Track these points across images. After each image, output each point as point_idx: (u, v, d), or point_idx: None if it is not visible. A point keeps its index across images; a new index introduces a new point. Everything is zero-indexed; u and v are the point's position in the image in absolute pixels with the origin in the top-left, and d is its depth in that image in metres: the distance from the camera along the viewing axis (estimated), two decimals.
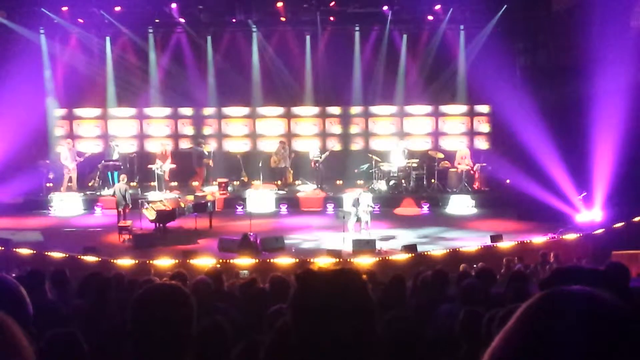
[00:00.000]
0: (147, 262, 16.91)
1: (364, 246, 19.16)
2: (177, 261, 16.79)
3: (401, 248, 18.81)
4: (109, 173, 25.75)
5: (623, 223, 19.39)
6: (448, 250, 18.42)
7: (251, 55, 28.06)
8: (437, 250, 18.59)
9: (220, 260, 17.15)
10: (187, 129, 28.73)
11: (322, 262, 16.25)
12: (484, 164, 25.67)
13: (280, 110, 28.65)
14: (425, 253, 18.31)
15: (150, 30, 27.78)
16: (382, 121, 28.53)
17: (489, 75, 23.12)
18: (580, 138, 21.04)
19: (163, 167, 25.53)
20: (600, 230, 19.48)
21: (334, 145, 27.61)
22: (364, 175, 26.28)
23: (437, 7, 26.39)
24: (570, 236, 19.19)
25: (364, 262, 17.38)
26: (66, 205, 24.56)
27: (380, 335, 2.57)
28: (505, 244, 18.60)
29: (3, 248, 18.29)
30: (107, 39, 27.63)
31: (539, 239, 19.03)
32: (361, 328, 2.43)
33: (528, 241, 18.81)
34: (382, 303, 7.40)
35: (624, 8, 20.82)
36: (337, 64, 27.40)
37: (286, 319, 2.56)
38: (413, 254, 18.12)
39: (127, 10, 26.13)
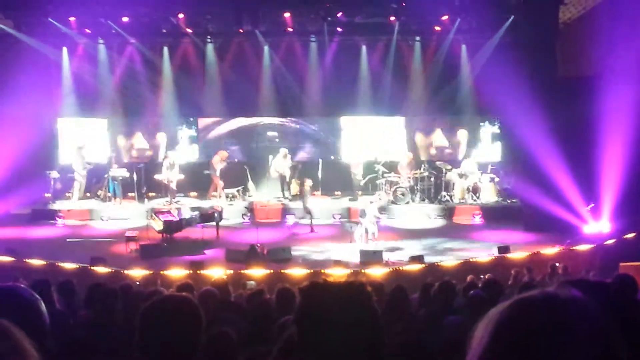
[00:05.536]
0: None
1: (371, 257, 19.12)
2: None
3: (409, 259, 18.77)
4: (111, 183, 25.79)
5: (631, 234, 19.33)
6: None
7: (258, 66, 28.10)
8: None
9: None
10: (193, 138, 28.78)
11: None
12: (492, 175, 25.66)
13: (287, 120, 28.63)
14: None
15: (158, 40, 27.84)
16: (388, 132, 28.49)
17: (497, 86, 23.06)
18: (588, 149, 21.00)
19: (170, 177, 25.53)
20: (608, 242, 19.43)
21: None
22: (368, 187, 26.24)
23: (445, 17, 26.38)
24: (579, 248, 19.13)
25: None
26: (73, 215, 24.59)
27: (386, 346, 2.56)
28: (514, 256, 18.55)
29: (13, 258, 18.30)
30: (115, 48, 27.71)
31: (547, 251, 18.97)
32: (366, 340, 2.43)
33: (536, 252, 18.77)
34: (385, 314, 7.39)
35: (632, 17, 20.78)
36: (344, 74, 27.42)
37: (292, 330, 2.56)
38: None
39: (135, 21, 26.17)
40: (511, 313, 1.84)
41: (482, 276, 14.84)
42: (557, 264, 16.33)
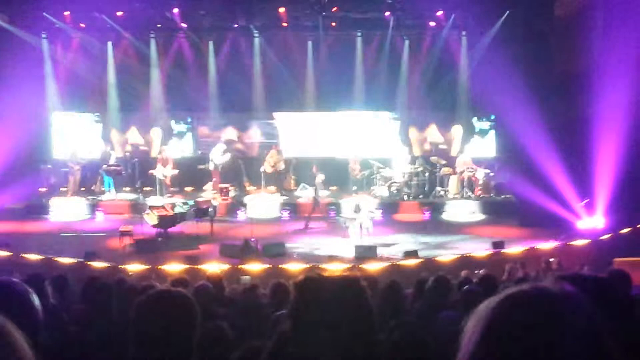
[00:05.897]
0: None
1: (366, 252, 19.12)
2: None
3: (403, 254, 18.78)
4: (106, 178, 25.80)
5: (626, 230, 19.35)
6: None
7: (253, 61, 28.10)
8: (446, 256, 18.57)
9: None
10: (188, 134, 28.81)
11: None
12: (486, 170, 25.65)
13: (282, 115, 28.60)
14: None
15: (152, 35, 27.86)
16: (383, 127, 28.46)
17: (492, 82, 23.06)
18: (582, 144, 21.01)
19: (164, 172, 25.52)
20: (604, 237, 19.44)
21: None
22: (363, 182, 26.17)
23: (439, 12, 26.39)
24: (573, 243, 19.15)
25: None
26: (67, 210, 24.56)
27: (381, 341, 2.57)
28: (510, 250, 18.57)
29: (9, 253, 18.28)
30: (109, 43, 27.72)
31: (543, 245, 18.98)
32: (360, 334, 2.42)
33: (529, 247, 18.77)
34: (379, 309, 7.38)
35: (627, 12, 20.78)
36: (339, 70, 27.43)
37: (286, 324, 2.56)
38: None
39: (129, 15, 26.15)
40: (502, 308, 1.83)
41: (476, 271, 14.86)
42: (551, 259, 16.35)
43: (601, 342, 1.77)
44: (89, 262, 17.45)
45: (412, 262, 17.82)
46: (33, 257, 17.97)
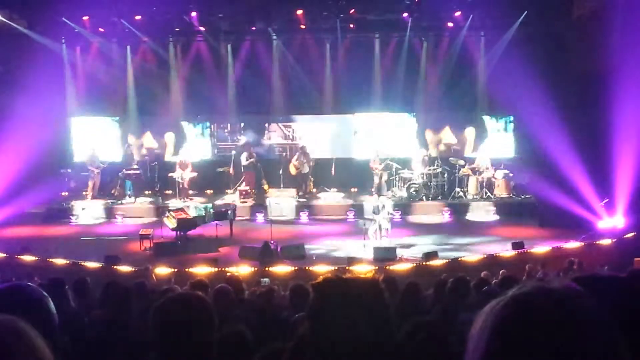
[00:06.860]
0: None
1: (385, 254, 19.11)
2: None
3: (422, 255, 18.74)
4: (126, 182, 25.88)
5: None
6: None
7: (271, 63, 28.12)
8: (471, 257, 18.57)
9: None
10: (206, 137, 28.83)
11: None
12: (505, 171, 25.55)
13: (300, 117, 28.62)
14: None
15: (171, 39, 27.89)
16: (402, 128, 28.39)
17: (510, 82, 23.02)
18: (602, 144, 20.90)
19: (183, 176, 25.60)
20: (624, 237, 19.34)
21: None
22: (382, 184, 26.06)
23: (457, 13, 26.33)
24: (599, 242, 19.06)
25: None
26: (87, 214, 24.67)
27: (398, 343, 2.56)
28: (536, 250, 18.52)
29: (35, 257, 18.39)
30: (128, 47, 27.79)
31: (568, 245, 18.91)
32: (378, 336, 2.42)
33: (553, 248, 18.71)
34: (398, 310, 7.37)
35: None
36: (357, 72, 27.40)
37: (305, 327, 2.56)
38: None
39: (148, 19, 26.25)
40: (506, 313, 1.79)
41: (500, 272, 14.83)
42: (573, 259, 16.29)
43: (610, 342, 1.75)
44: (111, 266, 17.55)
45: (436, 262, 17.82)
46: (57, 261, 18.07)
